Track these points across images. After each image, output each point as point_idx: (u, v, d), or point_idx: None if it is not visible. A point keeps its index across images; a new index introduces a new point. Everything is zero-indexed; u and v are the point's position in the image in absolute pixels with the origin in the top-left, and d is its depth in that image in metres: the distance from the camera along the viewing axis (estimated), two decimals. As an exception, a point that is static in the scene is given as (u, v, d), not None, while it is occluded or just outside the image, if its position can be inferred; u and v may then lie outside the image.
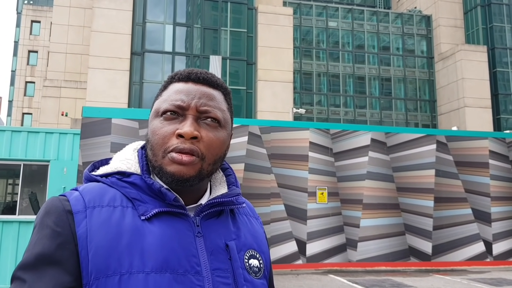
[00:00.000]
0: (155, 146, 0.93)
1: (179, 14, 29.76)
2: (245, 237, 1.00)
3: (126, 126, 6.63)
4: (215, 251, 0.92)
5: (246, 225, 1.04)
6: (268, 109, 28.38)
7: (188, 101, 0.95)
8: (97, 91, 26.72)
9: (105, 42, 27.59)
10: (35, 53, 41.36)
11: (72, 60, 30.94)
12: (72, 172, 6.79)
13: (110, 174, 0.96)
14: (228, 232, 0.97)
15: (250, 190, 9.58)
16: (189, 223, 0.92)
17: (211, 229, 0.95)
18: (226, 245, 0.94)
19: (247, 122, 10.45)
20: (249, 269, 0.96)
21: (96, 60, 27.31)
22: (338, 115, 34.37)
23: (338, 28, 36.05)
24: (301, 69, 34.47)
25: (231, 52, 29.87)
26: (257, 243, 1.03)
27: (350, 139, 10.23)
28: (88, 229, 0.85)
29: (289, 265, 9.45)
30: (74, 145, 7.67)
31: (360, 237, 9.87)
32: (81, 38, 31.05)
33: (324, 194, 9.89)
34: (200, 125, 0.94)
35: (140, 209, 0.90)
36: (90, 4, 29.52)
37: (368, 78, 35.56)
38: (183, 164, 0.90)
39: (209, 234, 0.94)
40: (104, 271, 0.83)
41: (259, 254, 1.01)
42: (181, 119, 0.94)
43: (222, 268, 0.91)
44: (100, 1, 28.16)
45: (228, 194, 1.00)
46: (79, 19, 31.41)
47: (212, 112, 0.95)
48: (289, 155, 9.91)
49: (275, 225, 9.54)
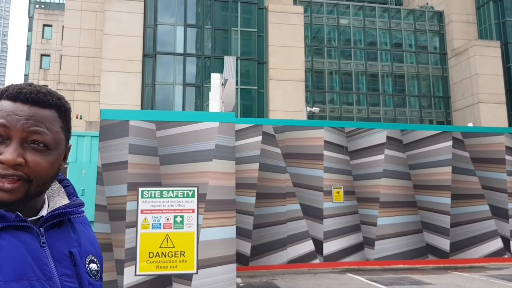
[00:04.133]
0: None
1: (189, 16, 29.86)
2: (85, 244, 1.07)
3: (144, 128, 6.67)
4: (61, 259, 0.98)
5: (84, 233, 1.10)
6: (280, 108, 28.35)
7: (12, 124, 0.93)
8: (110, 93, 26.94)
9: (117, 44, 27.80)
10: (47, 56, 41.72)
11: (85, 63, 31.22)
12: (91, 174, 6.85)
13: None
14: (70, 240, 1.03)
15: (265, 189, 9.58)
16: (34, 234, 0.96)
17: (55, 238, 1.00)
18: (70, 253, 1.01)
19: (261, 122, 10.45)
20: (90, 273, 1.04)
21: (108, 63, 27.53)
22: (351, 113, 34.19)
23: (350, 26, 35.86)
24: (313, 67, 34.35)
25: (242, 52, 29.89)
26: (95, 248, 1.11)
27: (366, 137, 10.18)
28: None
29: (306, 264, 9.44)
30: (92, 147, 7.75)
31: (378, 235, 9.82)
32: (93, 41, 31.32)
33: (340, 193, 9.85)
34: (26, 149, 0.94)
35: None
36: (102, 8, 29.76)
37: (381, 75, 35.32)
38: (4, 190, 0.91)
39: (53, 243, 0.99)
40: None
41: (97, 259, 1.10)
42: (6, 143, 0.93)
43: (68, 274, 0.98)
44: (112, 4, 28.37)
45: (70, 204, 1.05)
46: (90, 23, 31.69)
47: (39, 136, 0.95)
48: (303, 154, 9.89)
49: (291, 224, 9.53)
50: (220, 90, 12.39)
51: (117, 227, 6.32)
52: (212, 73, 14.11)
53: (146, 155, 6.61)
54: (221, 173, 6.72)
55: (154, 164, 6.61)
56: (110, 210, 6.39)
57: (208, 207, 6.55)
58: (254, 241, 9.33)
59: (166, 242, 6.29)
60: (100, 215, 6.36)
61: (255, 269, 9.18)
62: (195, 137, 6.76)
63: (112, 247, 6.28)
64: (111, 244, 6.28)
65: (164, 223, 6.36)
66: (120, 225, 6.32)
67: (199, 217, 6.48)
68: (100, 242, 6.20)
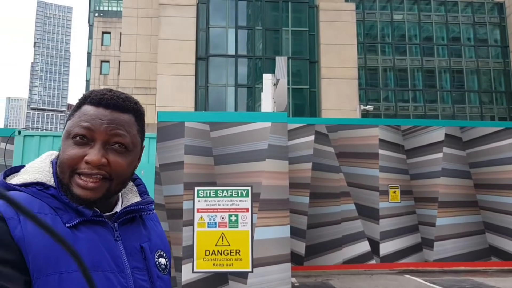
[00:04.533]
0: (63, 165, 1.02)
1: (240, 18, 30.19)
2: (154, 239, 1.14)
3: (198, 129, 6.83)
4: (133, 252, 1.05)
5: (154, 229, 1.17)
6: (333, 107, 28.00)
7: (96, 128, 1.01)
8: (166, 96, 27.73)
9: (172, 49, 28.57)
10: (106, 62, 43.43)
11: (141, 68, 32.32)
12: (150, 174, 7.11)
13: (30, 184, 1.01)
14: (141, 235, 1.10)
15: (318, 189, 9.51)
16: (109, 229, 1.03)
17: (127, 233, 1.07)
18: (141, 247, 1.07)
19: (313, 121, 10.38)
20: (159, 267, 1.10)
21: (163, 66, 28.35)
22: (407, 111, 33.20)
23: (404, 21, 34.84)
24: (366, 65, 33.68)
25: (293, 51, 29.83)
26: (164, 244, 1.18)
27: (423, 135, 9.86)
28: (25, 234, 0.91)
29: (362, 265, 9.28)
30: (150, 148, 8.04)
31: (437, 236, 9.48)
32: (149, 46, 32.35)
33: (396, 193, 9.61)
34: (108, 151, 1.02)
35: (64, 218, 0.98)
36: (157, 14, 30.68)
37: (438, 71, 34.04)
38: (88, 188, 0.99)
39: (126, 237, 1.06)
40: (43, 271, 0.90)
41: (165, 254, 1.16)
42: (91, 145, 1.01)
43: (139, 267, 1.04)
44: (166, 10, 29.20)
45: (142, 202, 1.13)
46: (146, 29, 32.75)
47: (120, 139, 1.03)
48: (358, 153, 9.73)
49: (346, 224, 9.41)
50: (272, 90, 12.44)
51: (174, 226, 6.51)
52: (263, 74, 14.19)
53: (201, 155, 6.77)
54: (274, 173, 6.75)
55: (208, 164, 6.75)
56: (168, 208, 6.60)
57: (262, 206, 6.60)
58: (309, 241, 9.28)
59: (221, 240, 6.41)
60: (158, 213, 6.57)
61: (310, 269, 9.14)
62: (248, 137, 6.83)
63: (171, 245, 6.48)
64: (169, 242, 6.48)
65: (219, 221, 6.47)
66: (178, 223, 6.50)
67: (253, 216, 6.54)
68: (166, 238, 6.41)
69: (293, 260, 8.29)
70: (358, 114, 24.37)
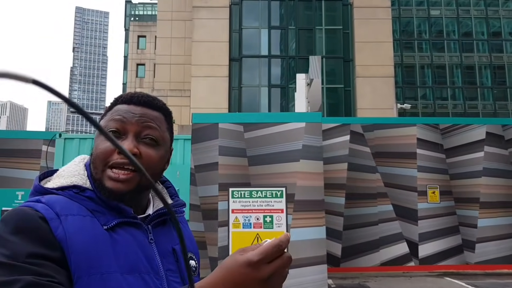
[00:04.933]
0: (96, 160, 1.04)
1: (273, 18, 30.19)
2: None
3: (232, 130, 6.86)
4: (166, 255, 1.07)
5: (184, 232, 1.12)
6: (368, 106, 27.56)
7: (129, 120, 1.05)
8: (200, 98, 28.05)
9: (205, 51, 28.86)
10: (142, 66, 44.35)
11: (176, 70, 32.82)
12: (185, 175, 7.19)
13: (66, 187, 1.03)
14: (172, 237, 1.11)
15: (354, 190, 9.37)
16: (143, 231, 1.05)
17: (160, 235, 1.09)
18: (173, 249, 1.09)
19: (349, 120, 10.24)
20: None
21: (197, 68, 28.68)
22: (446, 109, 32.33)
23: (442, 16, 33.93)
24: (402, 62, 33.00)
25: (327, 50, 29.58)
26: (193, 246, 1.21)
27: (463, 133, 9.55)
28: (67, 234, 0.93)
29: (400, 267, 9.07)
30: (185, 149, 8.13)
31: (478, 238, 9.16)
32: (183, 48, 32.82)
33: (435, 193, 9.35)
34: (140, 143, 1.05)
35: (102, 220, 1.00)
36: (190, 16, 31.09)
37: (478, 67, 32.97)
38: (119, 181, 1.01)
39: (158, 240, 1.07)
40: (86, 271, 0.92)
41: (195, 256, 1.18)
42: (123, 138, 1.04)
43: (172, 269, 1.06)
44: (199, 13, 29.53)
45: (174, 204, 1.15)
46: (180, 31, 33.24)
47: (151, 131, 1.06)
48: (395, 153, 9.52)
49: (383, 226, 9.22)
50: (306, 90, 12.36)
51: (210, 226, 6.55)
52: (297, 74, 14.13)
53: (235, 156, 6.79)
54: (309, 173, 6.70)
55: (243, 165, 6.76)
56: (203, 209, 6.65)
57: (296, 207, 6.55)
58: (345, 243, 9.16)
59: (256, 241, 6.40)
60: (194, 214, 6.64)
61: (346, 271, 9.02)
62: (282, 138, 6.81)
63: (206, 245, 6.53)
64: (205, 242, 6.53)
65: (254, 222, 6.47)
66: (213, 224, 6.54)
67: (288, 217, 6.51)
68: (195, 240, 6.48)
69: (329, 262, 8.19)
70: (394, 113, 23.90)
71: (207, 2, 29.55)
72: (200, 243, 6.46)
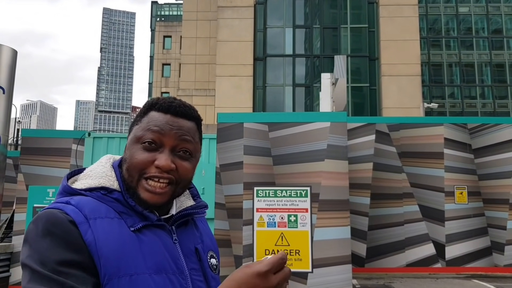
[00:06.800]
0: (132, 169, 1.06)
1: (298, 17, 30.08)
2: (206, 241, 1.18)
3: (257, 129, 6.89)
4: (189, 254, 1.09)
5: (205, 230, 1.22)
6: (394, 105, 27.18)
7: (167, 133, 1.07)
8: (225, 97, 28.18)
9: (230, 50, 28.98)
10: (168, 65, 44.78)
11: (201, 70, 33.07)
12: (211, 174, 7.26)
13: (95, 189, 1.06)
14: (195, 237, 1.15)
15: (380, 190, 9.29)
16: (167, 232, 1.08)
17: (183, 235, 1.12)
18: (196, 249, 1.12)
19: (374, 120, 10.15)
20: (211, 267, 1.14)
21: (222, 68, 28.83)
22: (474, 108, 31.61)
23: (470, 13, 33.18)
24: (430, 60, 32.42)
25: (352, 49, 29.30)
26: (213, 244, 1.22)
27: (492, 133, 9.35)
28: (96, 238, 0.96)
29: (426, 268, 8.95)
30: (210, 148, 8.21)
31: (508, 239, 8.95)
32: (208, 48, 33.04)
33: (463, 194, 9.18)
34: (175, 156, 1.07)
35: (128, 222, 1.03)
36: (215, 16, 31.27)
37: (508, 65, 32.10)
38: (156, 193, 1.04)
39: (182, 240, 1.10)
40: (116, 273, 0.95)
41: (215, 254, 1.20)
42: (160, 150, 1.06)
43: (195, 268, 1.09)
44: (224, 12, 29.68)
45: (196, 205, 1.18)
46: (205, 31, 33.47)
47: (187, 144, 1.09)
48: (421, 153, 9.40)
49: (410, 226, 9.11)
50: (331, 89, 12.29)
51: (235, 225, 6.61)
52: (322, 73, 14.06)
53: (260, 155, 6.82)
54: (333, 173, 6.68)
55: (267, 164, 6.79)
56: (228, 208, 6.71)
57: (321, 207, 6.55)
58: (370, 243, 9.09)
59: (281, 240, 6.43)
60: (219, 212, 6.71)
61: (371, 271, 8.95)
62: (307, 137, 6.80)
63: (231, 243, 6.59)
64: (229, 241, 6.60)
65: (278, 221, 6.50)
66: (238, 222, 6.60)
67: (313, 216, 6.50)
68: (220, 238, 6.55)
69: (354, 262, 8.14)
70: (421, 112, 23.51)
71: (232, 2, 29.67)
72: (225, 241, 6.53)
